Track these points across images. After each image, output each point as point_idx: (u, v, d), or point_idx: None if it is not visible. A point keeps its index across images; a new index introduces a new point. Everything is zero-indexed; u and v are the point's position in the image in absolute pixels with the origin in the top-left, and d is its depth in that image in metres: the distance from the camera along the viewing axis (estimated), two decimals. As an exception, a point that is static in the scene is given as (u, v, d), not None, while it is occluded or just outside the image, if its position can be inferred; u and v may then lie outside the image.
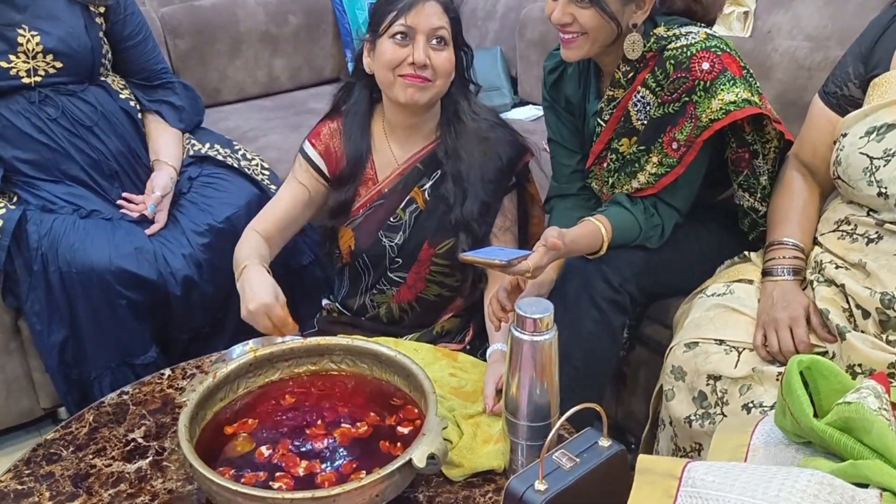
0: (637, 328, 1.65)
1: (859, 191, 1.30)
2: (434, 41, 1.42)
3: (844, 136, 1.34)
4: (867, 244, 1.30)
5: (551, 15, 1.41)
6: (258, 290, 1.39)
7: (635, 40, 1.40)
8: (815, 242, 1.41)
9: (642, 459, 0.91)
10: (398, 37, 1.42)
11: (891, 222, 1.27)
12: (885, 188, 1.26)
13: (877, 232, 1.28)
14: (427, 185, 1.54)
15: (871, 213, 1.31)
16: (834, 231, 1.36)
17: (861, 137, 1.30)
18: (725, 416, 1.23)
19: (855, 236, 1.32)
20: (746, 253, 1.49)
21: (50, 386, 1.89)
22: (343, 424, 1.25)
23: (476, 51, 1.52)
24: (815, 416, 0.92)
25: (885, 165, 1.26)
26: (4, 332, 1.85)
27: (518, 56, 2.58)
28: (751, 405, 1.20)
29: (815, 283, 1.33)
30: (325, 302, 1.77)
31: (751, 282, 1.41)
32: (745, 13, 2.15)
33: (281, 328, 1.39)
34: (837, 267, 1.31)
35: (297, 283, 1.93)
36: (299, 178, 1.57)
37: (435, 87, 1.44)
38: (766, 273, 1.38)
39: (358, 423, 1.25)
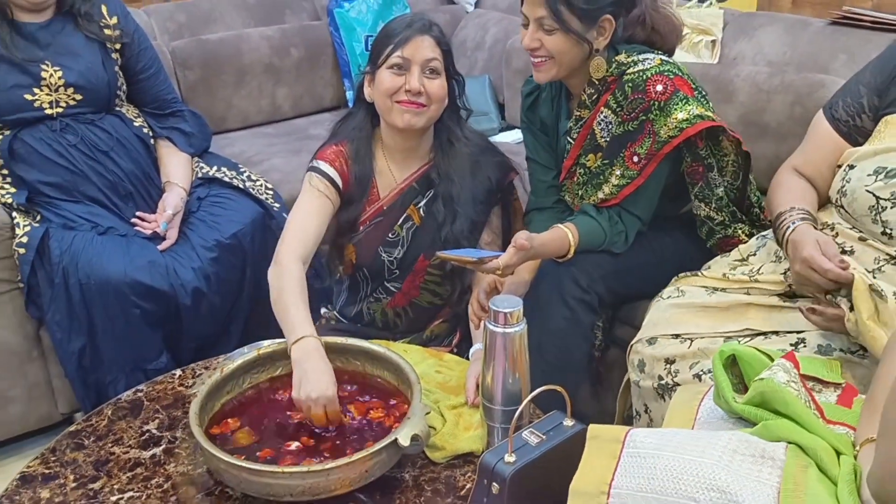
0: (610, 330, 1.78)
1: (863, 225, 1.38)
2: (427, 71, 1.54)
3: (852, 168, 1.40)
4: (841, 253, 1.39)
5: (523, 41, 1.57)
6: (323, 379, 1.34)
7: (599, 63, 1.56)
8: None
9: (592, 428, 1.04)
10: (395, 68, 1.54)
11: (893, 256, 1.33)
12: (891, 230, 1.33)
13: (851, 247, 1.40)
14: (422, 203, 1.67)
15: (867, 240, 1.37)
16: (820, 229, 1.43)
17: (869, 175, 1.37)
18: (679, 384, 1.36)
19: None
20: (699, 272, 1.56)
21: (68, 392, 2.01)
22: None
23: (466, 79, 1.65)
24: (745, 390, 1.06)
25: (891, 207, 1.33)
26: (27, 340, 1.98)
27: (505, 84, 2.74)
28: (700, 373, 1.33)
29: None
30: (323, 311, 1.90)
31: (701, 286, 1.51)
32: (713, 41, 2.31)
33: (332, 420, 1.35)
34: None
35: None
36: (321, 191, 1.60)
37: (429, 111, 1.57)
38: (781, 234, 1.40)
39: (351, 412, 1.39)
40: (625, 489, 0.93)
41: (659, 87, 1.50)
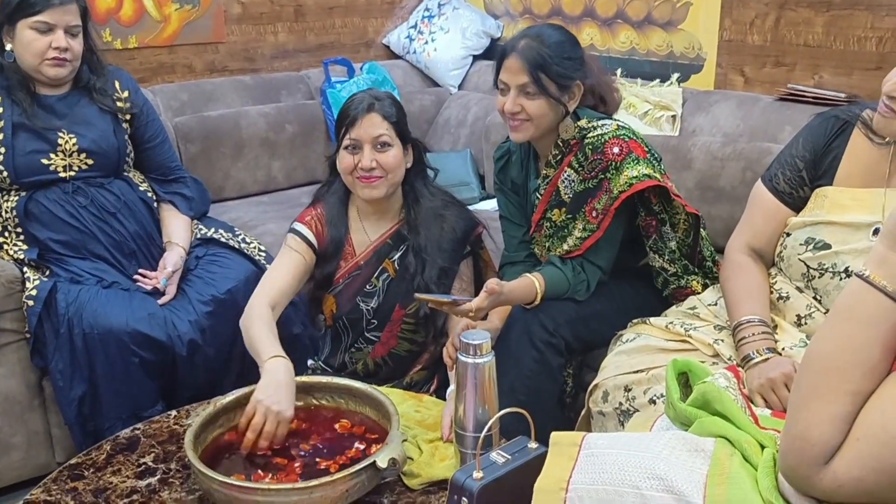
0: (579, 376, 1.90)
1: (799, 290, 1.51)
2: (378, 146, 1.70)
3: (788, 235, 1.53)
4: (777, 299, 1.54)
5: (503, 107, 1.75)
6: (282, 397, 1.45)
7: (568, 125, 1.75)
8: None
9: (554, 435, 1.16)
10: (349, 148, 1.71)
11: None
12: (821, 297, 1.47)
13: (787, 293, 1.54)
14: (396, 257, 1.81)
15: (803, 291, 1.48)
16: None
17: (801, 244, 1.50)
18: (638, 410, 1.48)
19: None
20: (647, 320, 1.69)
21: (66, 441, 2.10)
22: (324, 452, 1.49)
23: (448, 153, 1.82)
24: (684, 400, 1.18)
25: (819, 277, 1.47)
26: (30, 389, 2.08)
27: (484, 156, 2.92)
28: (654, 398, 1.46)
29: None
30: (309, 362, 2.01)
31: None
32: (673, 116, 2.52)
33: (267, 439, 1.43)
34: None
35: (289, 350, 2.17)
36: (295, 249, 1.77)
37: (386, 181, 1.72)
38: (745, 359, 1.45)
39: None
40: (580, 484, 1.05)
41: (616, 149, 1.68)
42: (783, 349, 1.46)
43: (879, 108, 1.43)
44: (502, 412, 1.28)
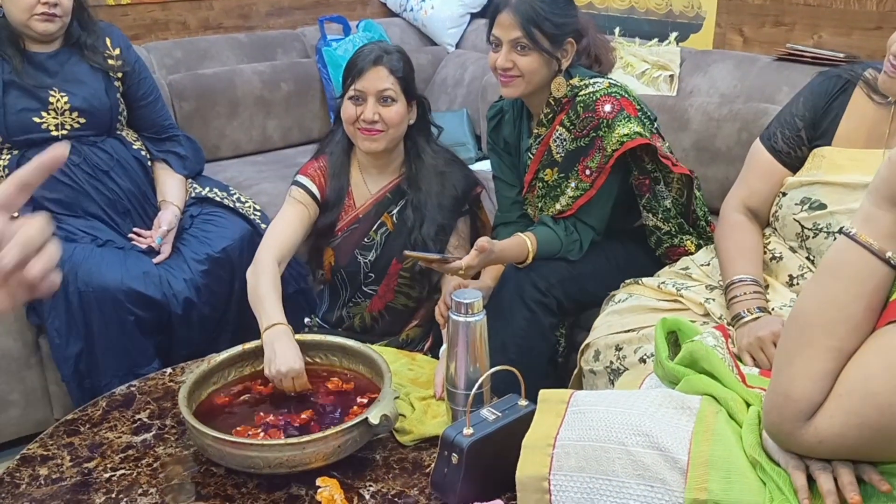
0: (571, 336, 1.91)
1: (792, 251, 1.51)
2: (382, 100, 1.70)
3: (784, 195, 1.53)
4: (770, 259, 1.55)
5: (496, 63, 1.73)
6: (288, 354, 1.50)
7: (560, 82, 1.73)
8: None
9: (542, 393, 1.17)
10: (353, 99, 1.71)
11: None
12: (814, 257, 1.47)
13: (781, 253, 1.55)
14: (395, 211, 1.82)
15: (796, 252, 1.48)
16: None
17: (797, 204, 1.49)
18: (628, 369, 1.49)
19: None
20: (639, 280, 1.70)
21: (64, 398, 2.12)
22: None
23: (445, 113, 1.81)
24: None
25: (813, 237, 1.47)
26: (26, 347, 2.10)
27: (481, 117, 2.89)
28: (644, 357, 1.47)
29: None
30: (306, 319, 2.03)
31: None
32: (671, 76, 2.50)
33: (300, 390, 1.52)
34: None
35: (284, 309, 2.19)
36: (299, 200, 1.77)
37: (387, 136, 1.72)
38: (735, 318, 1.45)
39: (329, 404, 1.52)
40: (567, 440, 1.06)
41: (607, 107, 1.67)
42: (774, 309, 1.47)
43: (885, 68, 1.42)
44: (492, 370, 1.29)
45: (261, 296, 1.61)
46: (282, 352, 1.50)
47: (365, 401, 1.49)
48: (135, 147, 2.20)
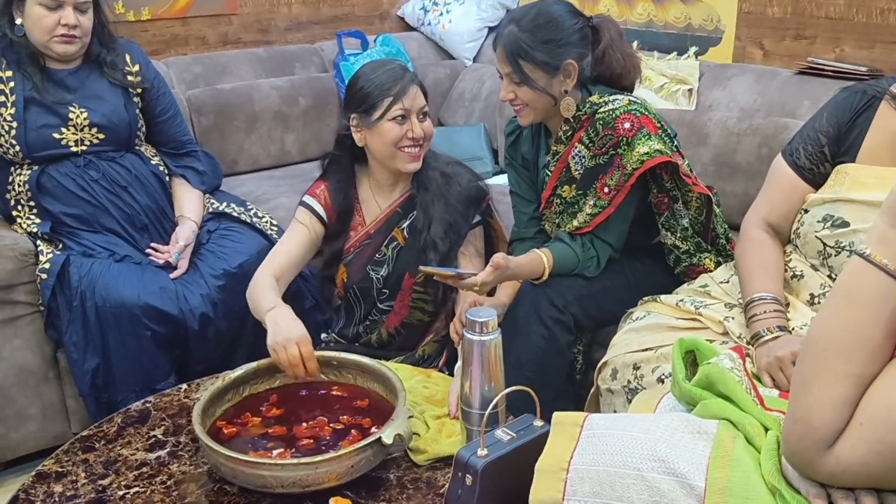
0: (589, 354, 1.89)
1: (814, 268, 1.49)
2: (421, 115, 1.73)
3: (806, 211, 1.50)
4: (791, 277, 1.52)
5: (500, 94, 1.74)
6: (291, 325, 1.55)
7: (569, 103, 1.72)
8: None
9: (556, 415, 1.15)
10: (398, 119, 1.71)
11: None
12: (835, 277, 1.43)
13: (802, 271, 1.52)
14: (405, 225, 1.82)
15: (818, 270, 1.46)
16: None
17: (819, 221, 1.46)
18: (646, 388, 1.47)
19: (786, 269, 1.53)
20: (658, 298, 1.67)
21: (81, 412, 2.13)
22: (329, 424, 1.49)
23: (462, 127, 1.81)
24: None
25: (836, 255, 1.44)
26: (45, 361, 2.11)
27: (498, 131, 2.90)
28: (662, 376, 1.45)
29: None
30: (323, 335, 2.03)
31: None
32: (690, 90, 2.47)
33: (307, 361, 1.53)
34: None
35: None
36: (302, 221, 1.81)
37: (424, 150, 1.75)
38: (755, 337, 1.42)
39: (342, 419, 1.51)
40: (581, 465, 1.04)
41: (627, 125, 1.65)
42: (794, 328, 1.44)
43: None
44: (507, 390, 1.28)
45: (258, 294, 1.67)
46: (284, 323, 1.55)
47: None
48: (153, 162, 2.21)
